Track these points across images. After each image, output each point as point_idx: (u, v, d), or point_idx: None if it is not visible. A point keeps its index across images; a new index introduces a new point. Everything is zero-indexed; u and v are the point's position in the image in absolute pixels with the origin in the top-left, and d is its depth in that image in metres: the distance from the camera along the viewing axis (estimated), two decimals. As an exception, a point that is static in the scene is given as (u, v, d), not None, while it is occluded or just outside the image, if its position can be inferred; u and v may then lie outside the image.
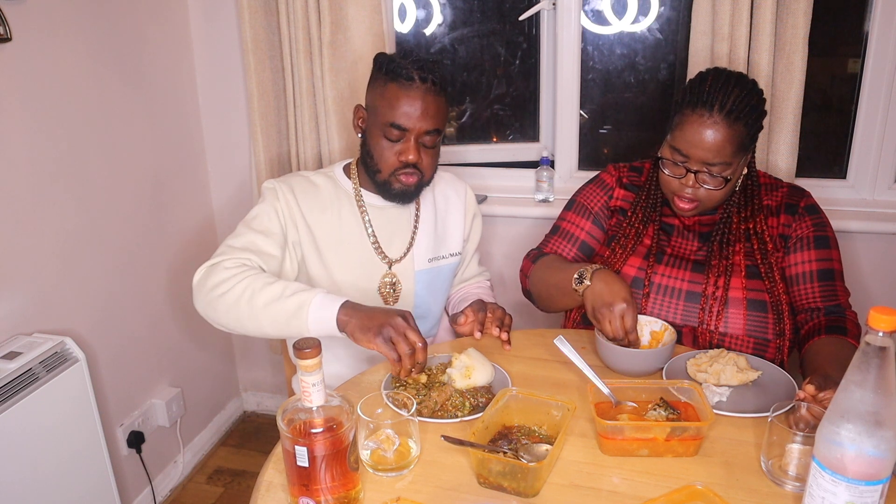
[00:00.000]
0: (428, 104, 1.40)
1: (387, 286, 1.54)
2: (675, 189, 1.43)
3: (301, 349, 0.91)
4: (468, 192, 1.69)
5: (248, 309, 1.28)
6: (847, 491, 0.84)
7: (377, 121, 1.43)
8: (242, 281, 1.30)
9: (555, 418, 1.13)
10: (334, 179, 1.55)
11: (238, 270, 1.33)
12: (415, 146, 1.42)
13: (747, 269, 1.44)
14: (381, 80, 1.42)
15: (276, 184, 1.49)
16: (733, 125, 1.33)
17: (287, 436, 0.94)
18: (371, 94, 1.46)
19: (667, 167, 1.42)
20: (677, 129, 1.38)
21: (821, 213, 1.49)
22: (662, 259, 1.49)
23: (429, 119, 1.40)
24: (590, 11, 2.13)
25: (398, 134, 1.41)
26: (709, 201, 1.42)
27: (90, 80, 1.86)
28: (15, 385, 1.53)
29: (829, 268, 1.44)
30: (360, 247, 1.52)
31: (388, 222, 1.55)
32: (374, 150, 1.45)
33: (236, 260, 1.36)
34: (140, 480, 2.17)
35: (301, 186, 1.50)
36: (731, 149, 1.34)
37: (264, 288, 1.28)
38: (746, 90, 1.36)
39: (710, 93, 1.34)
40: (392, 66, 1.40)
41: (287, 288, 1.28)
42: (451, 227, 1.64)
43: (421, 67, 1.39)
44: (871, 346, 0.81)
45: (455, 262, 1.65)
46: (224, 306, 1.31)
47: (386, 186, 1.48)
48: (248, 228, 1.44)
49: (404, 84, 1.38)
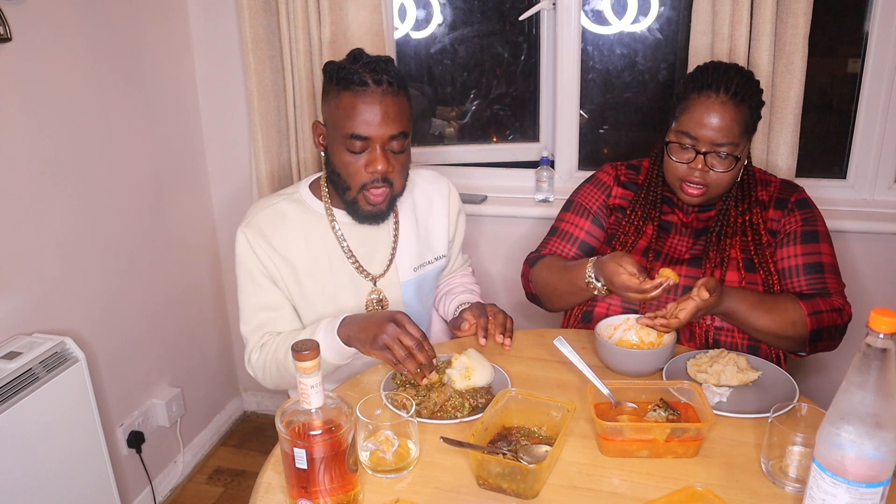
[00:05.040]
0: (387, 107, 1.30)
1: (373, 303, 1.50)
2: (683, 174, 1.43)
3: (299, 351, 0.91)
4: (451, 190, 1.62)
5: (286, 373, 1.39)
6: (847, 493, 0.84)
7: (337, 135, 1.33)
8: (270, 362, 1.41)
9: (554, 419, 1.13)
10: (302, 203, 1.46)
11: (262, 355, 1.43)
12: (382, 155, 1.32)
13: (743, 262, 1.45)
14: (334, 91, 1.32)
15: (243, 233, 1.41)
16: (739, 105, 1.37)
17: (286, 438, 0.94)
18: (326, 108, 1.36)
19: (674, 153, 1.43)
20: (684, 114, 1.41)
21: (812, 208, 1.49)
22: (660, 257, 1.49)
23: (391, 123, 1.31)
24: (590, 11, 2.13)
25: (361, 145, 1.31)
26: (716, 187, 1.43)
27: (90, 81, 1.86)
28: (15, 385, 1.53)
29: (818, 261, 1.44)
30: (340, 268, 1.46)
31: (366, 239, 1.47)
32: (339, 166, 1.36)
33: (259, 347, 1.44)
34: (140, 480, 2.17)
35: (268, 220, 1.42)
36: (739, 129, 1.38)
37: (286, 354, 1.36)
38: (746, 76, 1.42)
39: (714, 77, 1.39)
40: (342, 73, 1.30)
41: (297, 336, 1.35)
42: (434, 230, 1.58)
43: (373, 70, 1.29)
44: (872, 347, 0.80)
45: (441, 264, 1.61)
46: (275, 384, 1.46)
47: (354, 206, 1.39)
48: (246, 306, 1.45)
49: (358, 90, 1.29)
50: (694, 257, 1.48)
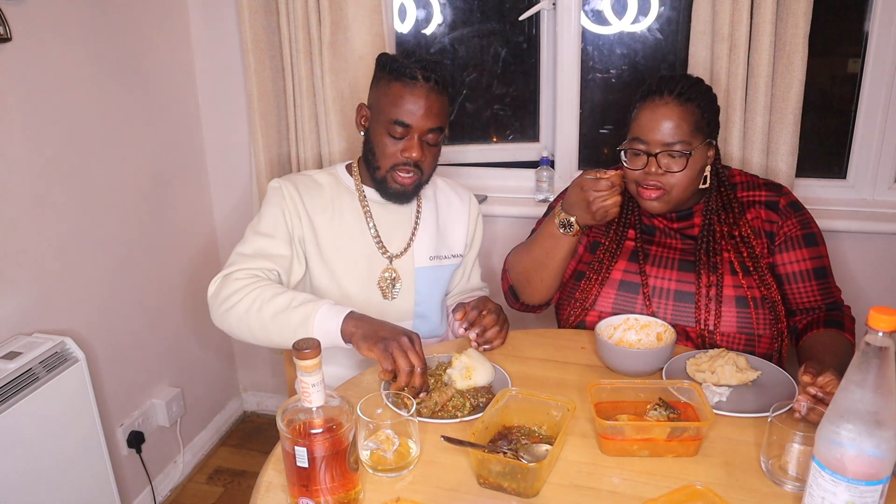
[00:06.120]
0: (431, 102, 1.42)
1: (386, 280, 1.56)
2: (638, 179, 1.44)
3: (301, 349, 0.91)
4: (472, 198, 1.72)
5: (258, 320, 1.32)
6: (847, 491, 0.84)
7: (381, 118, 1.45)
8: (252, 292, 1.34)
9: (555, 418, 1.13)
10: (336, 177, 1.59)
11: (248, 282, 1.37)
12: (418, 143, 1.44)
13: (739, 266, 1.46)
14: (385, 79, 1.45)
15: (281, 182, 1.52)
16: (685, 104, 1.39)
17: (287, 436, 0.94)
18: (374, 93, 1.49)
19: (629, 161, 1.45)
20: (634, 122, 1.44)
21: (804, 210, 1.51)
22: (648, 260, 1.50)
23: (432, 117, 1.43)
24: (590, 11, 2.13)
25: (402, 131, 1.43)
26: (675, 189, 1.41)
27: (90, 81, 1.86)
28: (15, 385, 1.53)
29: (822, 265, 1.48)
30: (361, 241, 1.54)
31: (390, 217, 1.57)
32: (376, 147, 1.48)
33: (247, 270, 1.40)
34: (140, 480, 2.17)
35: (305, 185, 1.54)
36: (687, 127, 1.39)
37: (272, 299, 1.32)
38: (693, 80, 1.44)
39: (659, 84, 1.42)
40: (396, 65, 1.43)
41: (294, 299, 1.31)
42: (452, 229, 1.66)
43: (424, 67, 1.41)
44: (871, 346, 0.81)
45: (457, 262, 1.67)
46: (235, 318, 1.35)
47: (383, 184, 1.50)
48: (255, 233, 1.47)
49: (408, 83, 1.41)
50: (684, 261, 1.48)
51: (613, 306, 1.48)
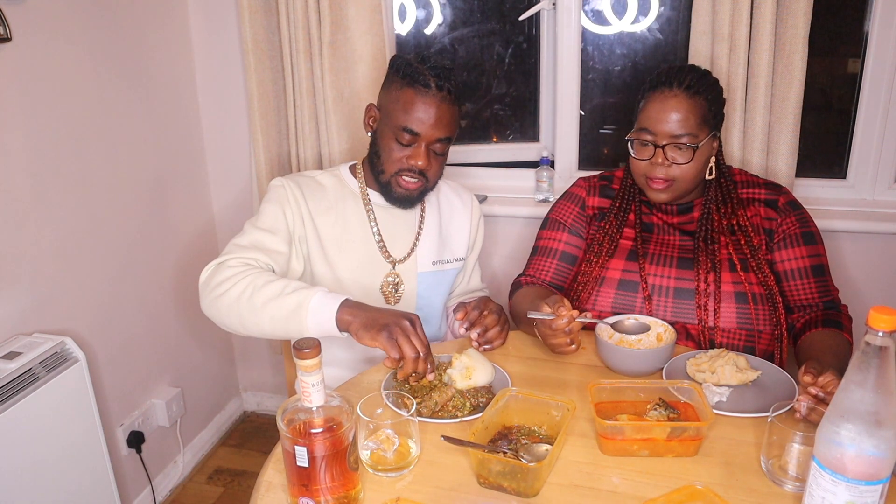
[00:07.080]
0: (442, 112, 1.41)
1: (389, 285, 1.55)
2: (645, 170, 1.46)
3: (301, 349, 0.91)
4: (474, 201, 1.72)
5: (249, 307, 1.26)
6: (847, 491, 0.84)
7: (390, 122, 1.43)
8: (245, 279, 1.28)
9: (555, 418, 1.13)
10: (340, 178, 1.57)
11: (241, 269, 1.31)
12: (425, 152, 1.43)
13: (738, 261, 1.46)
14: (398, 83, 1.42)
15: (283, 181, 1.50)
16: (693, 97, 1.40)
17: (287, 436, 0.94)
18: (385, 95, 1.46)
19: (636, 151, 1.46)
20: (642, 112, 1.45)
21: (802, 209, 1.52)
22: (647, 258, 1.50)
23: (441, 127, 1.42)
24: (590, 11, 2.13)
25: (410, 138, 1.42)
26: (682, 180, 1.44)
27: (90, 80, 1.87)
28: (15, 385, 1.53)
29: (820, 263, 1.49)
30: (364, 245, 1.53)
31: (393, 222, 1.56)
32: (382, 150, 1.46)
33: (241, 259, 1.35)
34: (140, 480, 2.17)
35: (308, 186, 1.52)
36: (695, 119, 1.40)
37: (265, 286, 1.26)
38: (701, 72, 1.46)
39: (668, 75, 1.43)
40: (410, 70, 1.40)
41: (288, 286, 1.25)
42: (454, 233, 1.65)
43: (438, 75, 1.39)
44: (871, 345, 0.81)
45: (459, 266, 1.66)
46: (226, 305, 1.28)
47: (388, 188, 1.49)
48: (254, 227, 1.44)
49: (420, 90, 1.39)
50: (683, 259, 1.49)
51: (613, 306, 1.48)
